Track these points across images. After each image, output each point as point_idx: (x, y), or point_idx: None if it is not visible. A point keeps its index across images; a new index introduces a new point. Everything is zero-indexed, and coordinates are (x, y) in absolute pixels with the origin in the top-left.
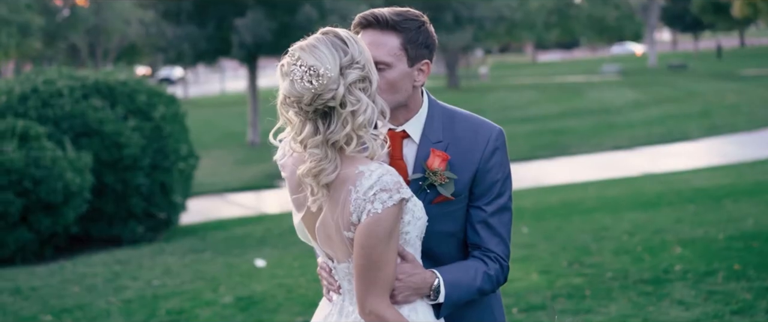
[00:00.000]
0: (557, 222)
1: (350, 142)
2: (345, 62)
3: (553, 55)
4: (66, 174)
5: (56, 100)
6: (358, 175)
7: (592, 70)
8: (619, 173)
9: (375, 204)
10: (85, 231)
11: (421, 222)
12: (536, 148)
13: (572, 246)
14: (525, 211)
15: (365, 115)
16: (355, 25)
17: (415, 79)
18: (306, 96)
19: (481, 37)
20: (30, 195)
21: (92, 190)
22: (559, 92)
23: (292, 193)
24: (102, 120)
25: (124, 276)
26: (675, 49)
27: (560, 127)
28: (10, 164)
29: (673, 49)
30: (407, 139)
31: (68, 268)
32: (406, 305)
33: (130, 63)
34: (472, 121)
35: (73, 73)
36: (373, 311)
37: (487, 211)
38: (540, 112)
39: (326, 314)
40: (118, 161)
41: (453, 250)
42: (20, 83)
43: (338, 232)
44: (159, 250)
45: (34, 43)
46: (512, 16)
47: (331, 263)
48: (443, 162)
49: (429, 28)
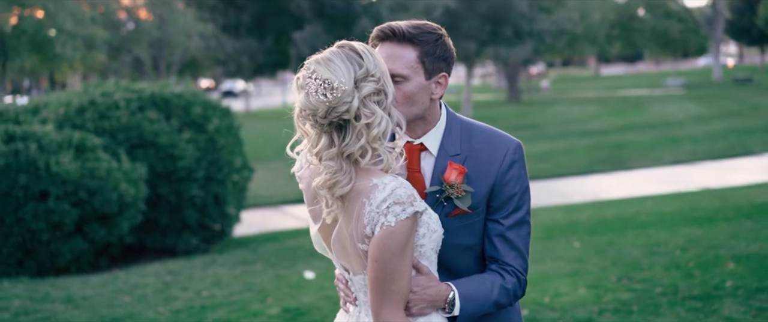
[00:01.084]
0: (610, 237)
1: (365, 155)
2: (360, 75)
3: (617, 68)
4: (120, 185)
5: (113, 112)
6: (372, 187)
7: (656, 84)
8: (677, 187)
9: (388, 217)
10: (139, 242)
11: (436, 235)
12: (595, 163)
13: (623, 261)
14: (578, 225)
15: (380, 127)
16: (372, 37)
17: (433, 91)
18: (321, 109)
19: (542, 51)
20: (85, 206)
21: (147, 201)
22: (620, 106)
23: (309, 204)
24: (157, 132)
25: (175, 287)
26: (741, 62)
27: (620, 141)
28: (66, 175)
29: (740, 63)
30: (425, 151)
31: (121, 278)
32: (421, 317)
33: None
34: (490, 134)
35: (130, 86)
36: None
37: (504, 224)
38: (600, 126)
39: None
40: (173, 173)
41: (470, 263)
42: (79, 96)
43: (353, 244)
44: (211, 261)
45: (98, 56)
46: (573, 30)
47: (347, 275)
48: (460, 175)
49: (446, 41)
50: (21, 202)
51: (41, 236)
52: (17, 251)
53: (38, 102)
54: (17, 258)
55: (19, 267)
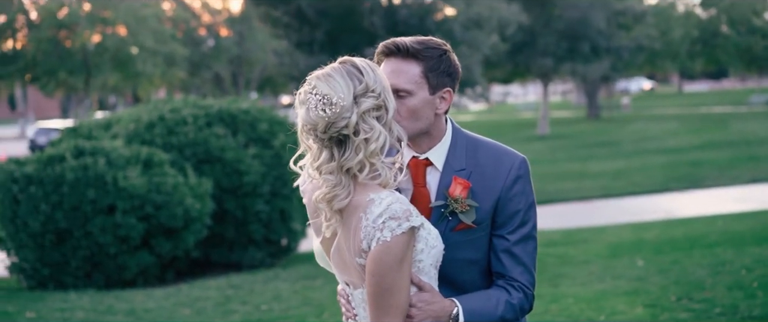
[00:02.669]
0: (676, 255)
1: (363, 169)
2: (359, 91)
3: (700, 85)
4: (186, 200)
5: (181, 128)
6: (369, 202)
7: (740, 101)
8: (752, 206)
9: (384, 232)
10: (206, 256)
11: (435, 251)
12: (670, 180)
13: (686, 280)
14: (644, 244)
15: (377, 142)
16: (378, 53)
17: (437, 106)
18: (320, 124)
19: (620, 68)
20: (151, 220)
21: (213, 216)
22: (701, 123)
23: (311, 217)
24: (223, 147)
25: (235, 300)
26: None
27: (698, 159)
28: (133, 190)
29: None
30: (430, 167)
31: (184, 291)
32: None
33: (274, 92)
34: (495, 149)
35: (198, 102)
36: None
37: (510, 240)
38: (678, 143)
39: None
40: (239, 188)
41: (475, 278)
42: (149, 112)
43: (351, 258)
44: (273, 276)
45: (178, 72)
46: (652, 46)
47: (348, 290)
48: (465, 190)
49: (451, 57)
50: (89, 215)
51: (108, 250)
52: (85, 263)
53: (111, 118)
54: (85, 271)
55: (87, 280)
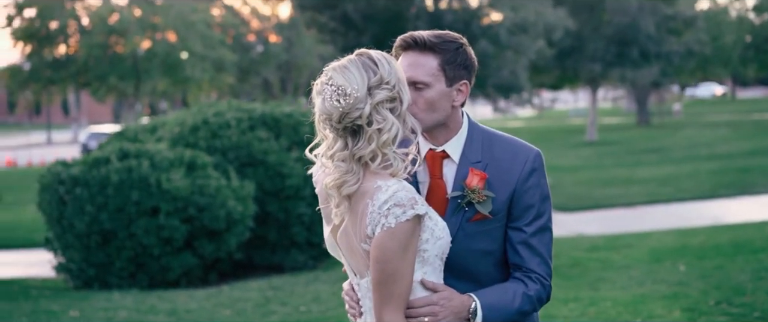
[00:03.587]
0: (719, 261)
1: (375, 159)
2: (373, 83)
3: (755, 91)
4: (229, 202)
5: (224, 131)
6: (376, 189)
7: None
8: None
9: (389, 218)
10: (248, 258)
11: (441, 242)
12: (718, 187)
13: (727, 285)
14: (688, 249)
15: (390, 133)
16: (396, 47)
17: (454, 98)
18: (335, 114)
19: (670, 73)
20: (194, 222)
21: (256, 219)
22: (753, 130)
23: (322, 205)
24: (266, 151)
25: (275, 302)
26: None
27: (748, 165)
28: (176, 192)
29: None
30: (447, 159)
31: (225, 292)
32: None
33: None
34: (510, 143)
35: (241, 106)
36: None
37: (527, 232)
38: (729, 149)
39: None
40: (281, 191)
41: (490, 268)
42: (193, 115)
43: (358, 244)
44: (313, 278)
45: (227, 78)
46: (702, 51)
47: (355, 279)
48: (482, 181)
49: (467, 50)
50: (133, 217)
51: (152, 251)
52: (129, 264)
53: (157, 121)
54: (129, 271)
55: (131, 280)
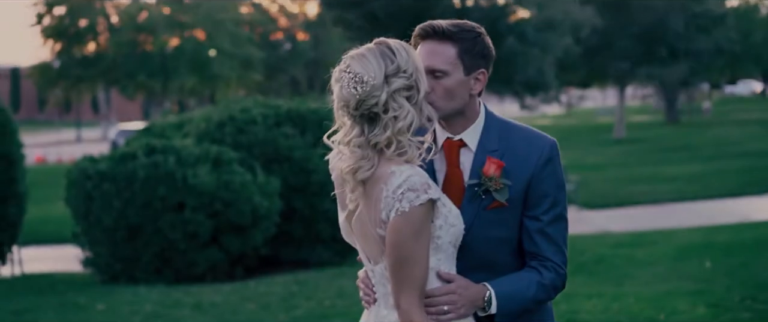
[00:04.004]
0: (745, 258)
1: (390, 145)
2: (390, 71)
3: None
4: (254, 198)
5: (250, 128)
6: (390, 174)
7: None
8: None
9: (403, 203)
10: (275, 254)
11: (454, 229)
12: (746, 185)
13: (752, 282)
14: (715, 246)
15: (405, 121)
16: (415, 36)
17: (472, 87)
18: (352, 101)
19: (700, 71)
20: (220, 217)
21: (281, 214)
22: None
23: (337, 191)
24: (292, 147)
25: (299, 296)
26: None
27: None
28: (202, 187)
29: None
30: (464, 148)
31: (250, 287)
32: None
33: None
34: (527, 132)
35: (267, 102)
36: (404, 308)
37: (543, 220)
38: (758, 147)
39: (365, 321)
40: (307, 187)
41: (507, 257)
42: (219, 112)
43: (372, 229)
44: (339, 273)
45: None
46: (732, 49)
47: (368, 266)
48: (498, 169)
49: (485, 40)
50: (159, 212)
51: (178, 246)
52: (155, 259)
53: (183, 118)
54: (155, 266)
55: (157, 275)
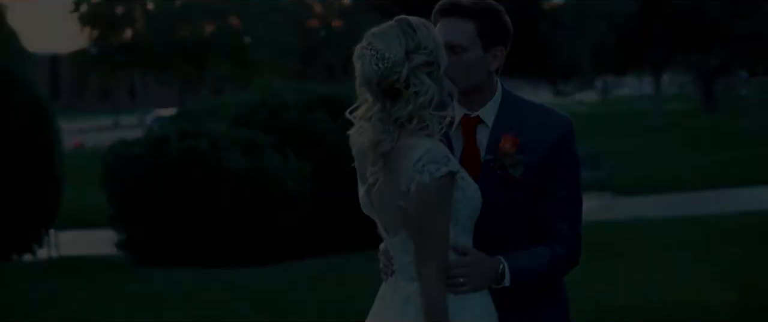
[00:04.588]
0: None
1: (411, 120)
2: (411, 47)
3: None
4: (287, 182)
5: (283, 113)
6: (411, 147)
7: None
8: None
9: (424, 175)
10: (306, 237)
11: (473, 203)
12: None
13: None
14: (747, 231)
15: (426, 96)
16: (435, 13)
17: (490, 64)
18: (373, 77)
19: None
20: (252, 201)
21: (313, 198)
22: None
23: (357, 165)
24: (324, 131)
25: (329, 278)
26: None
27: None
28: (235, 172)
29: None
30: (480, 124)
31: (282, 270)
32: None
33: None
34: (543, 110)
35: (300, 87)
36: (425, 277)
37: (558, 198)
38: None
39: (383, 293)
40: (338, 172)
41: (520, 235)
42: (253, 97)
43: (392, 200)
44: (370, 257)
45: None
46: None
47: (387, 236)
48: (514, 146)
49: (504, 17)
50: (192, 196)
51: (211, 229)
52: (189, 242)
53: (217, 102)
54: (189, 249)
55: (191, 258)
